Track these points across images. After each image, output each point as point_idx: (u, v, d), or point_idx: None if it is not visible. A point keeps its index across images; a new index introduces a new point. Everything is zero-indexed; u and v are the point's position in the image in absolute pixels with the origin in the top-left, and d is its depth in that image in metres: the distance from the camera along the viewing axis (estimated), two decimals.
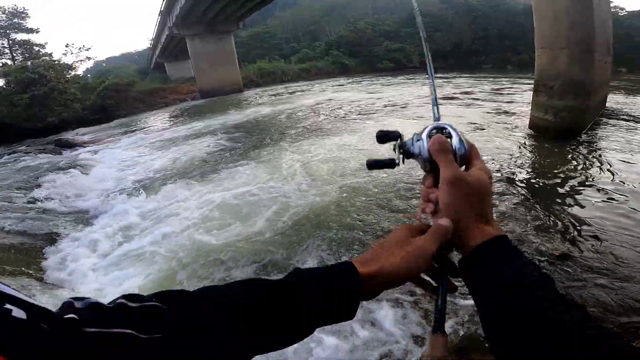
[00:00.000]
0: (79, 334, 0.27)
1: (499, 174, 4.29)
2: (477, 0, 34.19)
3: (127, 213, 4.34)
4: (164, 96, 22.23)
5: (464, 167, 0.45)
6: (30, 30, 24.10)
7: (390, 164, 0.48)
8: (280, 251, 3.06)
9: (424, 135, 0.46)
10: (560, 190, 3.79)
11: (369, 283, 0.39)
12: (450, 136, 0.45)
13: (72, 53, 23.74)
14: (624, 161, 4.46)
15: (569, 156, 4.76)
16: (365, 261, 0.41)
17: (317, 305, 0.37)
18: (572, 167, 4.42)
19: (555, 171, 4.30)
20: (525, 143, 5.62)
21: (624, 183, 3.81)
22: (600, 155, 4.71)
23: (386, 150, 0.49)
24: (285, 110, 11.92)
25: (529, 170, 4.54)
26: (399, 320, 2.10)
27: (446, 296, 0.43)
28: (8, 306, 0.25)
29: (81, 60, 24.05)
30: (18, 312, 0.25)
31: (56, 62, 20.52)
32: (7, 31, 23.24)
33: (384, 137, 0.48)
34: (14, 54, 23.70)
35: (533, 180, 4.13)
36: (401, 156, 0.47)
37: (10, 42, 23.34)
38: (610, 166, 4.33)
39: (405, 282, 0.41)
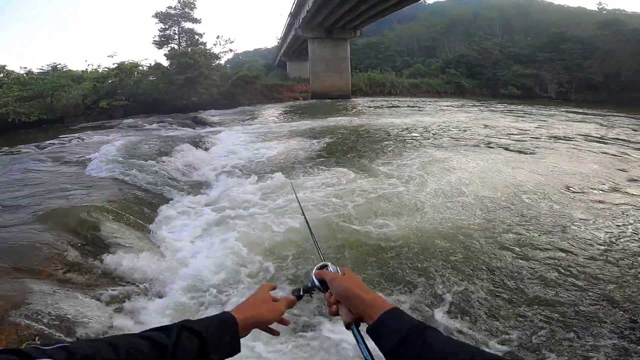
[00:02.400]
0: None
1: None
2: None
3: (229, 194, 5.02)
4: (280, 92, 24.81)
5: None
6: (195, 20, 26.55)
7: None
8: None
9: (312, 275, 0.73)
10: None
11: (244, 324, 0.62)
12: (326, 266, 0.74)
13: (220, 44, 27.41)
14: None
15: None
16: (243, 309, 0.65)
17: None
18: None
19: None
20: None
21: None
22: None
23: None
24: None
25: None
26: None
27: (362, 337, 0.62)
28: None
29: (225, 52, 26.15)
30: None
31: (208, 50, 23.79)
32: (179, 19, 26.22)
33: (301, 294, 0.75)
34: (180, 40, 26.34)
35: None
36: (307, 293, 0.75)
37: (179, 29, 26.50)
38: None
39: (266, 326, 0.68)
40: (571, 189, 5.29)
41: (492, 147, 8.30)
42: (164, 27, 26.37)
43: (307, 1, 21.79)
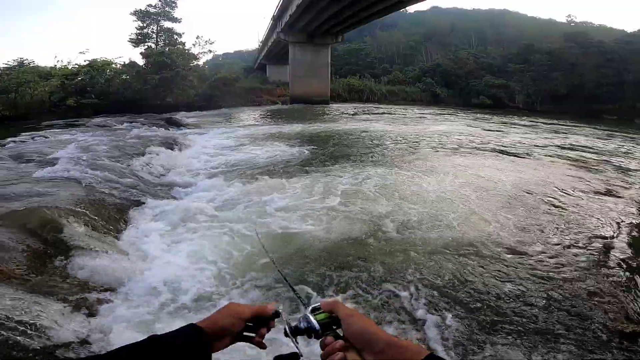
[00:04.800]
0: None
1: None
2: (616, 43, 30.01)
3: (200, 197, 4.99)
4: (259, 95, 24.73)
5: None
6: (175, 20, 25.97)
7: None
8: None
9: (307, 313, 0.61)
10: None
11: (211, 332, 0.60)
12: (320, 309, 0.62)
13: (199, 45, 26.81)
14: None
15: None
16: (206, 320, 0.62)
17: None
18: None
19: None
20: None
21: None
22: None
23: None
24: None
25: None
26: None
27: None
28: None
29: (204, 53, 26.19)
30: None
31: (186, 51, 23.47)
32: (159, 18, 25.67)
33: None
34: (158, 39, 25.66)
35: None
36: (294, 339, 0.61)
37: (158, 28, 25.83)
38: None
39: (236, 334, 0.63)
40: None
41: (491, 153, 8.86)
42: (142, 25, 25.59)
43: (290, 5, 21.92)
